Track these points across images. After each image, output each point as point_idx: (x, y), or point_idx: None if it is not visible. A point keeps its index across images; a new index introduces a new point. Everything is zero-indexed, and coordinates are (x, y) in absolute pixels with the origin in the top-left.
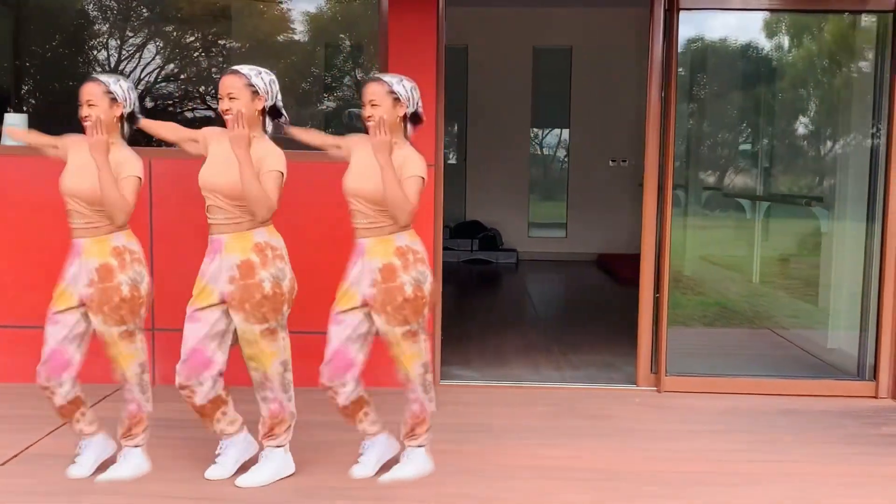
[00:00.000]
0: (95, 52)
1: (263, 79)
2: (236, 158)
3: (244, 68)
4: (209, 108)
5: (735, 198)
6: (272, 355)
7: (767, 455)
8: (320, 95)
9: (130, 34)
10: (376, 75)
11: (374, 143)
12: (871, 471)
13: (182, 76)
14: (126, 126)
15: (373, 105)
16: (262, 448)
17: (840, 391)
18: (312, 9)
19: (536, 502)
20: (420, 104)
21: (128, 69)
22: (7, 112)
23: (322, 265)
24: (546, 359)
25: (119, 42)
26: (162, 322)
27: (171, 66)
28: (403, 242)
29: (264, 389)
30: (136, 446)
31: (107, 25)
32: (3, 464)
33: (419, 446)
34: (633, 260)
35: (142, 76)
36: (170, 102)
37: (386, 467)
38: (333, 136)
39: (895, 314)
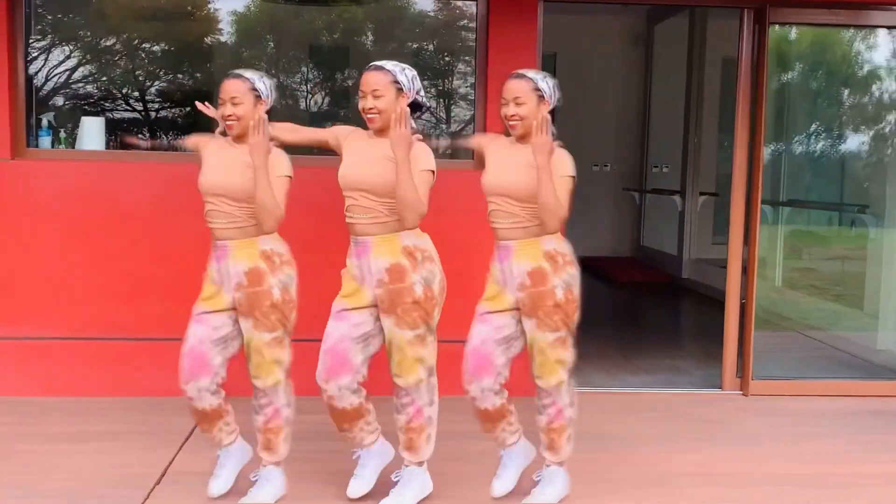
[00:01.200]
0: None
1: (407, 75)
2: (397, 160)
3: (388, 64)
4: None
5: (791, 206)
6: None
7: (873, 455)
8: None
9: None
10: (520, 71)
11: (535, 143)
12: None
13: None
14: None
15: (518, 103)
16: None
17: None
18: (408, 17)
19: None
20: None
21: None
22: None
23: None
24: (613, 364)
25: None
26: None
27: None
28: (552, 247)
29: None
30: (276, 463)
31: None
32: (156, 483)
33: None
34: (623, 263)
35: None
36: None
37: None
38: (327, 130)
39: None
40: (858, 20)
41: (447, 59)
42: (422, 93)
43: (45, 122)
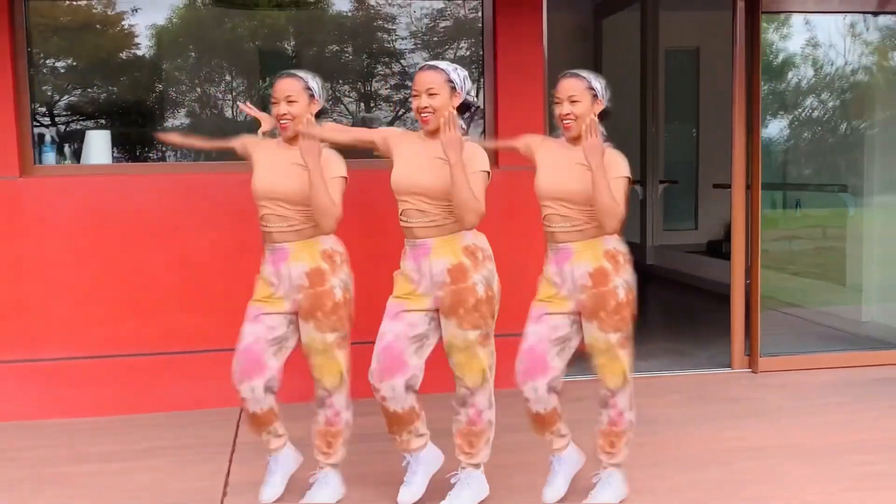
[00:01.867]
0: None
1: (459, 74)
2: (450, 163)
3: (442, 63)
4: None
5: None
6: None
7: None
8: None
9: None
10: (573, 70)
11: (586, 146)
12: None
13: None
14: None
15: (572, 101)
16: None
17: None
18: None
19: (776, 478)
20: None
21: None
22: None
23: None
24: None
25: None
26: None
27: None
28: (612, 246)
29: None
30: (334, 465)
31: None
32: (223, 496)
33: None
34: None
35: None
36: None
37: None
38: (376, 131)
39: None
40: (846, 6)
41: (368, 60)
42: (472, 92)
43: (48, 138)
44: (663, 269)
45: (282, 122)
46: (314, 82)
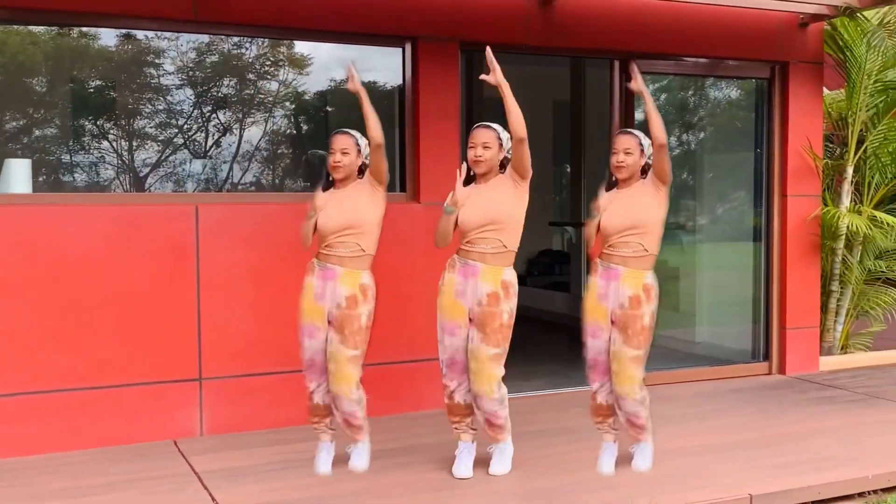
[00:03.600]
0: None
1: (504, 135)
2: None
3: (494, 125)
4: None
5: None
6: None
7: (781, 418)
8: None
9: None
10: (627, 129)
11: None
12: (843, 419)
13: None
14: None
15: (627, 153)
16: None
17: (744, 372)
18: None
19: (706, 473)
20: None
21: None
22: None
23: None
24: None
25: None
26: (213, 370)
27: None
28: (649, 280)
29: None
30: (363, 439)
31: None
32: None
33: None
34: None
35: None
36: None
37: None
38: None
39: (779, 314)
40: (699, 70)
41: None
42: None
43: None
44: None
45: (336, 166)
46: (362, 140)
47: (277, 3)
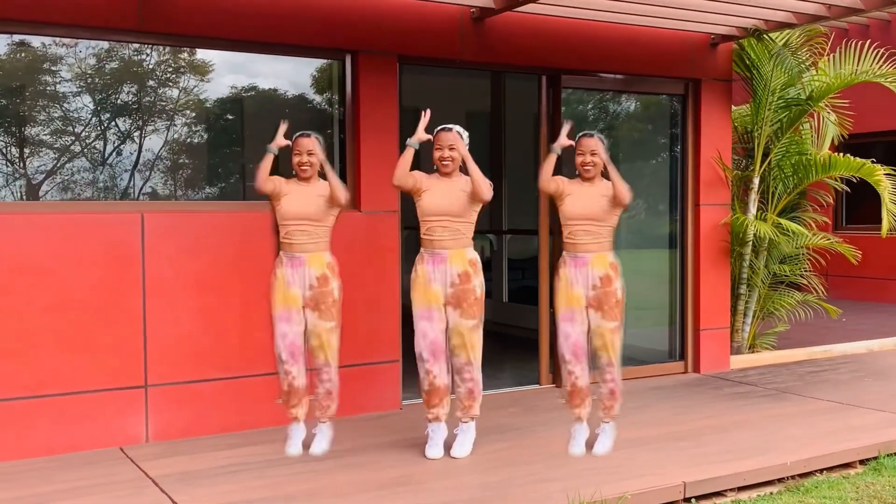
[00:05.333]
0: None
1: (464, 133)
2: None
3: (454, 126)
4: None
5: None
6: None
7: (701, 413)
8: None
9: None
10: (590, 132)
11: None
12: (757, 412)
13: None
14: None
15: (593, 154)
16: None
17: (662, 371)
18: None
19: (638, 464)
20: None
21: None
22: None
23: None
24: None
25: None
26: (159, 376)
27: None
28: (614, 259)
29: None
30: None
31: None
32: None
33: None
34: None
35: None
36: None
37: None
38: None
39: (693, 316)
40: (620, 86)
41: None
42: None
43: None
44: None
45: (302, 167)
46: (320, 138)
47: (222, 15)
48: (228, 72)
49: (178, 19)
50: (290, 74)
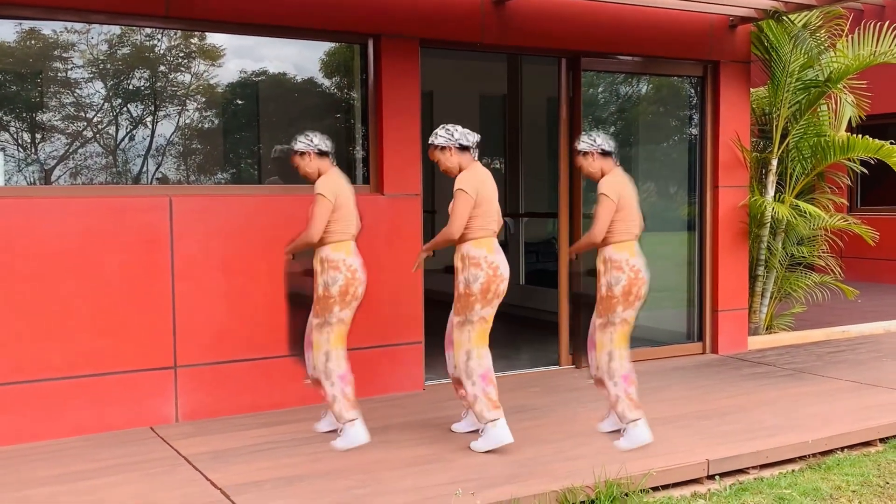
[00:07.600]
0: None
1: (444, 134)
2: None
3: (436, 139)
4: None
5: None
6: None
7: (721, 392)
8: None
9: None
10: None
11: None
12: (777, 392)
13: None
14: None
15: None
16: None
17: (681, 352)
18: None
19: (667, 440)
20: None
21: None
22: None
23: None
24: None
25: None
26: (188, 357)
27: None
28: (607, 255)
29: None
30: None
31: None
32: (230, 497)
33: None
34: None
35: None
36: None
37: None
38: None
39: (712, 297)
40: (639, 69)
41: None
42: (464, 137)
43: None
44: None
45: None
46: (312, 142)
47: (246, 1)
48: (246, 57)
49: (204, 5)
50: (309, 60)
